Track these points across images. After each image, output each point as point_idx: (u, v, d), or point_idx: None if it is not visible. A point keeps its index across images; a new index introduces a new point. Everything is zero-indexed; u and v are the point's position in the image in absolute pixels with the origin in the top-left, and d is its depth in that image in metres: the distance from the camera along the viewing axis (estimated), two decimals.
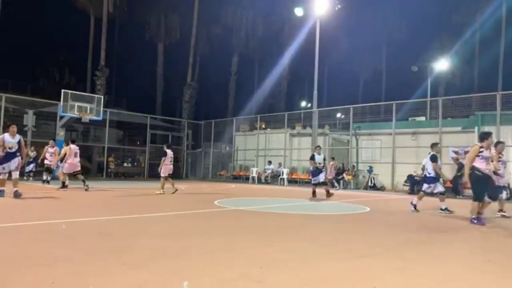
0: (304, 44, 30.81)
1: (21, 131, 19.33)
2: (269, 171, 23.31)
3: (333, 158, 20.35)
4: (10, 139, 9.65)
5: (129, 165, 27.18)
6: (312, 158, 12.48)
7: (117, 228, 6.10)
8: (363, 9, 37.09)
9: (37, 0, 33.80)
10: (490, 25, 34.17)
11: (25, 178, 17.28)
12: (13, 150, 9.64)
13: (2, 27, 28.93)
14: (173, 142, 27.34)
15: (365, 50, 39.31)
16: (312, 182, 12.66)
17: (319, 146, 13.61)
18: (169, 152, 12.89)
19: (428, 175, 9.71)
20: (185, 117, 31.73)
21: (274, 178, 22.77)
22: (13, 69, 33.02)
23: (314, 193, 12.56)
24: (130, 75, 36.90)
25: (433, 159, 9.65)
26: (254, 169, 23.71)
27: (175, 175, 24.82)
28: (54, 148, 15.15)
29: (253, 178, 23.34)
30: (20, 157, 9.87)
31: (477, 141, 16.76)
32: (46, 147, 15.46)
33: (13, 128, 9.80)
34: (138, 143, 29.44)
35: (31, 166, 17.99)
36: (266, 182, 22.65)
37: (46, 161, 15.26)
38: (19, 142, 9.79)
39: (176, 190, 12.58)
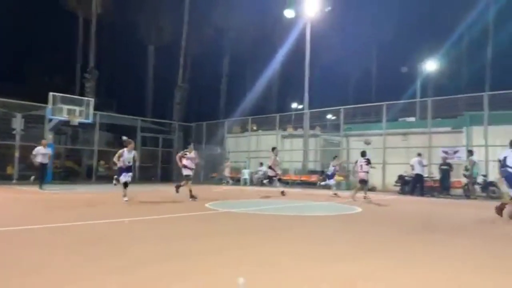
0: (295, 46, 30.92)
1: (9, 134, 19.15)
2: (261, 173, 23.29)
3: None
4: (128, 154, 10.60)
5: None
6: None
7: (111, 232, 6.04)
8: (353, 10, 37.39)
9: (24, 2, 33.41)
10: (478, 26, 34.67)
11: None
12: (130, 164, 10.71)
13: None
14: (164, 145, 27.22)
15: (355, 51, 39.62)
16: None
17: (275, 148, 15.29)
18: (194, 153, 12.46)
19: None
20: (176, 119, 31.57)
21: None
22: (0, 71, 32.56)
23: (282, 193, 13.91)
24: (120, 77, 36.62)
25: None
26: (246, 171, 23.68)
27: (166, 178, 24.59)
28: (47, 150, 14.92)
29: (245, 180, 23.29)
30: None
31: (465, 141, 16.89)
32: (37, 147, 14.81)
33: (132, 144, 10.80)
34: None
35: None
36: (261, 184, 22.62)
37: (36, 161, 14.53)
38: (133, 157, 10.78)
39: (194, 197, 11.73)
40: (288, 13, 26.64)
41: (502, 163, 8.55)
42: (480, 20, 34.22)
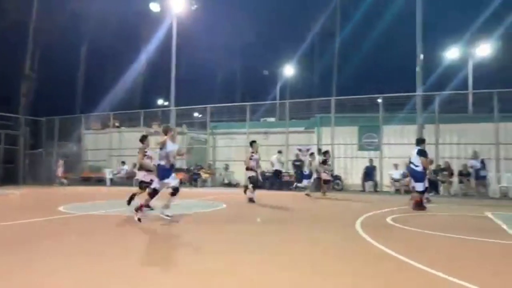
0: (162, 41, 30.14)
1: None
2: (123, 172, 22.07)
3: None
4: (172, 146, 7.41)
5: None
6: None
7: None
8: (220, 12, 38.21)
9: None
10: (325, 35, 39.02)
11: None
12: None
13: None
14: (7, 142, 23.61)
15: (222, 51, 40.56)
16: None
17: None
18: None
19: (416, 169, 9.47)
20: (22, 113, 27.64)
21: (129, 179, 21.62)
22: None
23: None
24: None
25: (422, 154, 9.46)
26: (108, 170, 22.13)
27: (9, 180, 21.55)
28: None
29: (109, 179, 21.70)
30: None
31: (316, 140, 18.82)
32: None
33: (172, 132, 7.66)
34: None
35: None
36: (123, 184, 21.38)
37: None
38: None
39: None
40: (154, 7, 25.80)
41: (408, 161, 9.59)
42: (326, 28, 38.46)
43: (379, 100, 18.74)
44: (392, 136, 17.73)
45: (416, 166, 9.27)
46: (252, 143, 11.55)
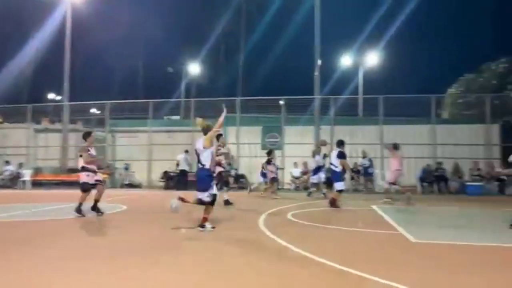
0: (56, 29, 27.44)
1: None
2: (7, 173, 19.67)
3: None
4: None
5: None
6: None
7: None
8: (122, 4, 36.22)
9: None
10: (231, 35, 39.42)
11: None
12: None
13: None
14: None
15: (123, 45, 38.43)
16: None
17: None
18: None
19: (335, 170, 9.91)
20: None
21: (13, 180, 19.35)
22: None
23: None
24: None
25: (342, 156, 9.91)
26: None
27: None
28: None
29: None
30: None
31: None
32: None
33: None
34: None
35: None
36: (5, 186, 19.03)
37: None
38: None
39: None
40: None
41: (329, 162, 9.97)
42: (233, 29, 38.94)
43: (281, 102, 19.61)
44: (293, 136, 18.67)
45: (336, 167, 9.84)
46: (219, 136, 10.01)
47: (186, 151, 17.83)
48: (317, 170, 13.27)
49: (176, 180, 17.77)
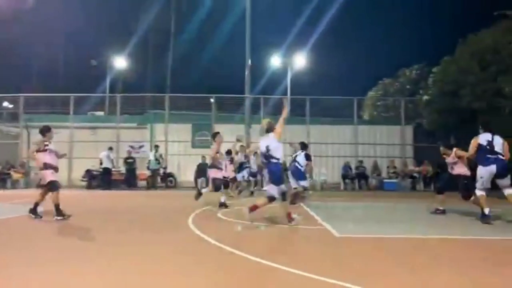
0: None
1: None
2: None
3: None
4: None
5: None
6: None
7: None
8: None
9: None
10: (161, 31, 38.29)
11: None
12: None
13: None
14: None
15: (40, 36, 35.41)
16: None
17: None
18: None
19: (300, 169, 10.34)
20: None
21: None
22: None
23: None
24: None
25: (309, 158, 10.60)
26: None
27: None
28: None
29: None
30: None
31: (149, 136, 18.30)
32: None
33: None
34: None
35: None
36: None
37: None
38: None
39: None
40: None
41: (293, 159, 10.53)
42: (163, 25, 37.86)
43: (212, 100, 19.52)
44: (224, 135, 18.58)
45: (301, 166, 10.38)
46: (216, 134, 10.07)
47: (110, 148, 17.03)
48: (240, 168, 13.47)
49: (99, 179, 16.90)
